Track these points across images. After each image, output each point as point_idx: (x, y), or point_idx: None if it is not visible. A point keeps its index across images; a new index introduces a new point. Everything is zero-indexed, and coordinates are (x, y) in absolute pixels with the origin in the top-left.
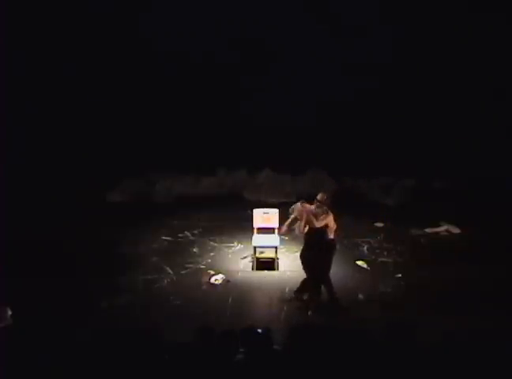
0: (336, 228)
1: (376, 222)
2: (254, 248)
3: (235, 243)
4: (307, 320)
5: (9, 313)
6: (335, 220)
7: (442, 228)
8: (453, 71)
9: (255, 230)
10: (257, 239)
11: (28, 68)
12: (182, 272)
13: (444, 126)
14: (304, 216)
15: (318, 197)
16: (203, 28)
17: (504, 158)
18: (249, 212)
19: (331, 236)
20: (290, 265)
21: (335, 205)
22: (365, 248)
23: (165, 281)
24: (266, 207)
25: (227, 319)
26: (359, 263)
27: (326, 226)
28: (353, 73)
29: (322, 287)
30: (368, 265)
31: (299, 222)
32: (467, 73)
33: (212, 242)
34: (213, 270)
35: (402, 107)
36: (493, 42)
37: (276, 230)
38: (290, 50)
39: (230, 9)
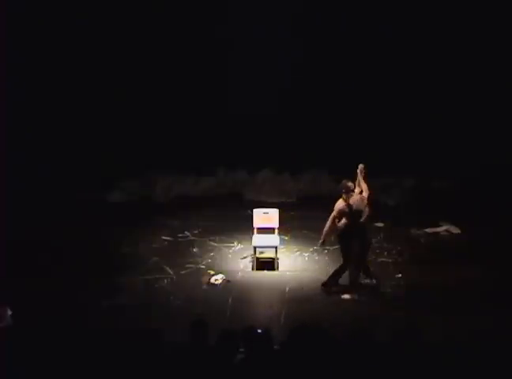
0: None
1: (376, 222)
2: (254, 248)
3: (235, 243)
4: (307, 321)
5: (9, 313)
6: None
7: (442, 228)
8: (453, 70)
9: (255, 230)
10: (257, 239)
11: (28, 66)
12: (182, 272)
13: (444, 126)
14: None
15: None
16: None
17: (504, 157)
18: (249, 211)
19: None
20: (290, 265)
21: None
22: None
23: (165, 281)
24: (266, 207)
25: (227, 319)
26: None
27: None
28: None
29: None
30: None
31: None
32: (466, 72)
33: (212, 242)
34: (213, 270)
35: (402, 107)
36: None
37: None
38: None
39: None
